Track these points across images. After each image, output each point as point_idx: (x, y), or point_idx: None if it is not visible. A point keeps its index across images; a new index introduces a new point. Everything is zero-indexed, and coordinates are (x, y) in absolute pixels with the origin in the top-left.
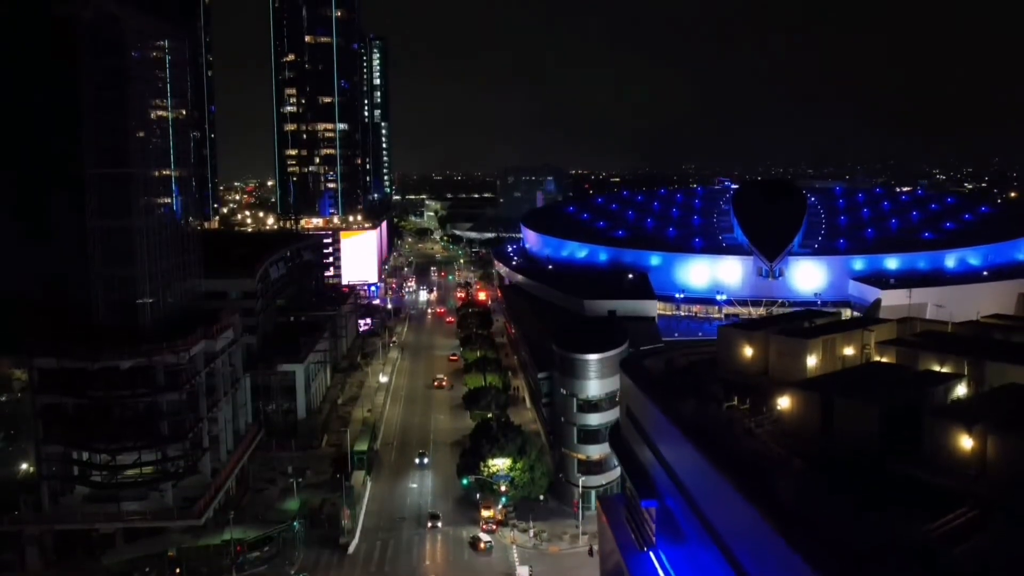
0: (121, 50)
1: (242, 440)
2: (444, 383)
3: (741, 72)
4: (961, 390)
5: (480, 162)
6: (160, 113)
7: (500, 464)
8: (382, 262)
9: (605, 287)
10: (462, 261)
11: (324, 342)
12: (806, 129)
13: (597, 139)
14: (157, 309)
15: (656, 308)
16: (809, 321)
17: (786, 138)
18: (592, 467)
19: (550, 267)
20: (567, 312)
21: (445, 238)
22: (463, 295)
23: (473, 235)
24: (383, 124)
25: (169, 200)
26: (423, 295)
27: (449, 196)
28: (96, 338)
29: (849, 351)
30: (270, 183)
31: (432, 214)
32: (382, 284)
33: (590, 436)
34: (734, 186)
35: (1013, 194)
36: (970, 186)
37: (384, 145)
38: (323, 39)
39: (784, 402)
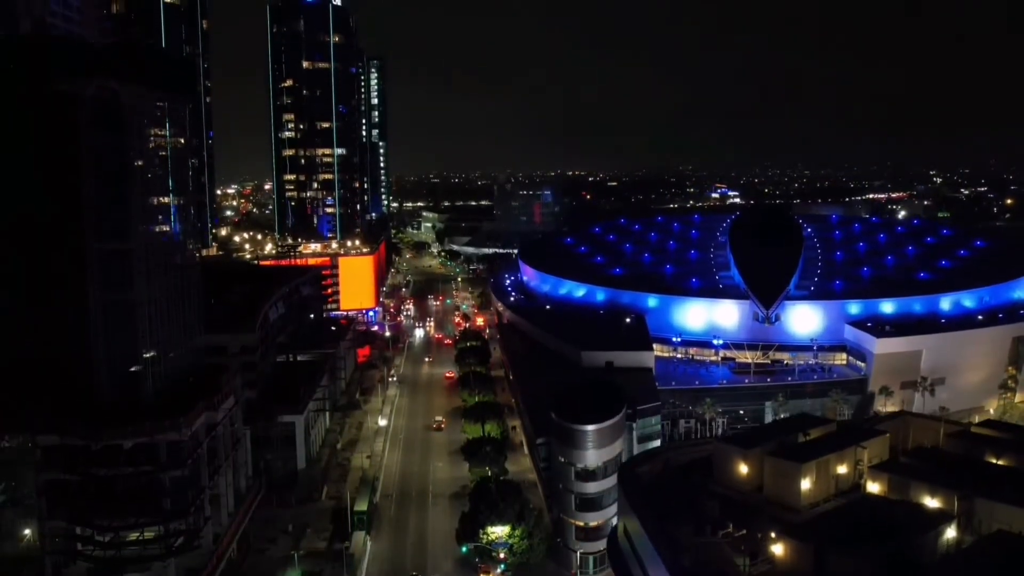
0: (122, 126)
1: (243, 501)
2: (443, 425)
3: (738, 73)
4: (951, 533)
5: (478, 164)
6: (159, 142)
7: (499, 531)
8: (380, 285)
9: (603, 334)
10: (459, 280)
11: (323, 389)
12: (803, 131)
13: (595, 140)
14: (159, 377)
15: (653, 359)
16: (804, 433)
17: (783, 139)
18: (590, 533)
19: (548, 307)
20: (565, 360)
21: (442, 253)
22: (461, 320)
23: (470, 250)
24: (381, 144)
25: (168, 228)
26: (420, 333)
27: (446, 204)
28: (98, 412)
29: (842, 470)
30: (267, 186)
31: (429, 225)
32: (380, 309)
33: (588, 504)
34: (731, 193)
35: (1010, 200)
36: (967, 192)
37: (382, 164)
38: (321, 64)
39: (778, 549)
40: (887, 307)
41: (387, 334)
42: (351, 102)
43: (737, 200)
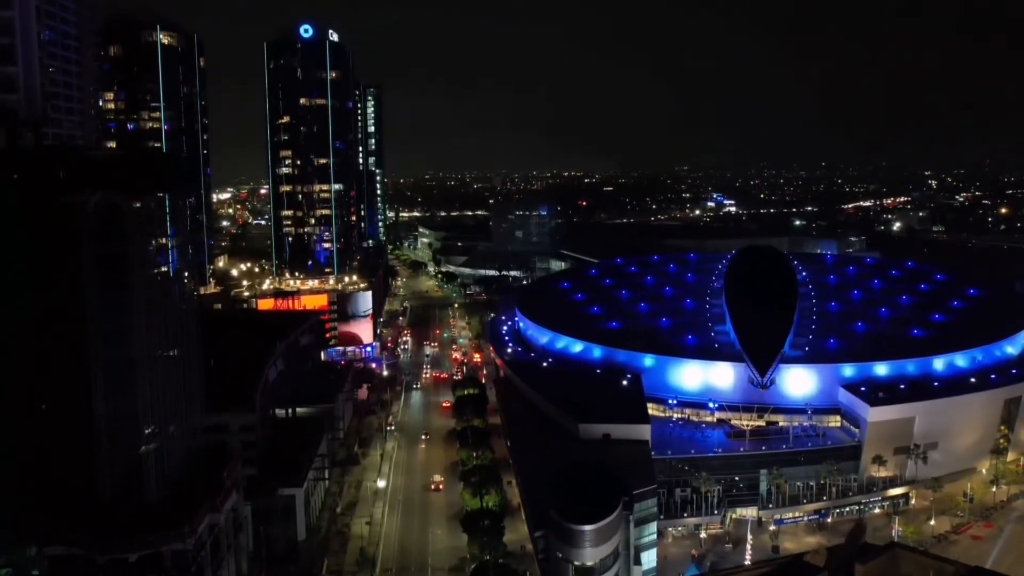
0: (123, 236)
1: None
2: (440, 486)
3: (736, 73)
4: None
5: (474, 164)
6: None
7: None
8: (377, 317)
9: (600, 403)
10: (456, 306)
11: (321, 459)
12: (800, 132)
13: (592, 139)
14: (162, 473)
15: (649, 431)
16: None
17: (780, 141)
18: None
19: (545, 364)
20: (562, 429)
21: (439, 275)
22: (458, 358)
23: (467, 271)
24: (377, 171)
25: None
26: (418, 396)
27: (442, 215)
28: (102, 514)
29: None
30: (263, 191)
31: (426, 242)
32: (377, 344)
33: None
34: (726, 201)
35: (1005, 210)
36: (962, 197)
37: (379, 192)
38: (318, 101)
39: None
40: (880, 370)
41: (384, 373)
42: (348, 137)
43: (733, 209)
